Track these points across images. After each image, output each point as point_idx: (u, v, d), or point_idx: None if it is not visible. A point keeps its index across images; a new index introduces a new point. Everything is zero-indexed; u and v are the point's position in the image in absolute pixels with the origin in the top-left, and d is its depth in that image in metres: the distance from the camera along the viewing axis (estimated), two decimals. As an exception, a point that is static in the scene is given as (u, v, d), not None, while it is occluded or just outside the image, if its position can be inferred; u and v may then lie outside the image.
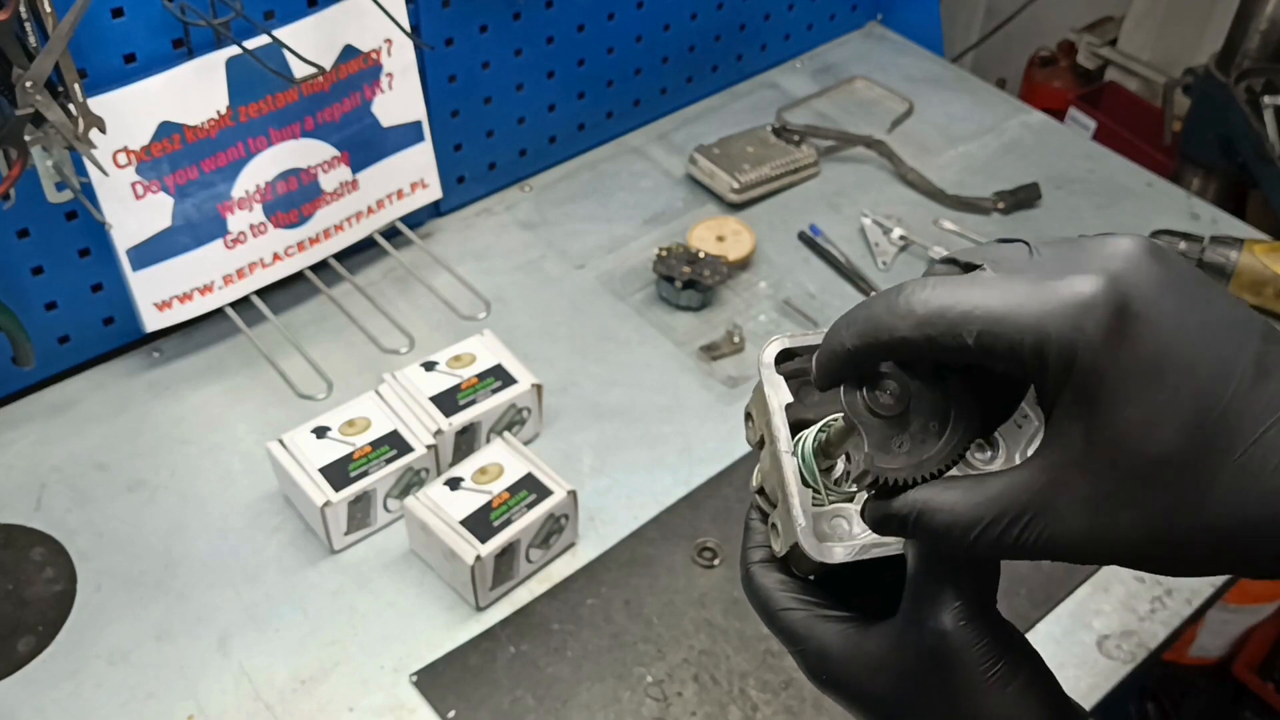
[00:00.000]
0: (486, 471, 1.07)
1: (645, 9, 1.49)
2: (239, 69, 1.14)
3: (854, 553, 0.49)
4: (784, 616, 0.50)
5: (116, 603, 1.05)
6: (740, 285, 1.38)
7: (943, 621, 0.44)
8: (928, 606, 0.45)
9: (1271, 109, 1.60)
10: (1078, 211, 1.50)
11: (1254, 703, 1.98)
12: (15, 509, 1.11)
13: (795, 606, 0.49)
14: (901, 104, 1.65)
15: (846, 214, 1.48)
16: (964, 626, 0.44)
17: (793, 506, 0.49)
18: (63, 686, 0.99)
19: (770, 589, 0.50)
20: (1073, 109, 2.05)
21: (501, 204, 1.48)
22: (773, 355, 0.52)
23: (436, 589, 1.07)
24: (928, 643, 0.45)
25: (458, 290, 1.35)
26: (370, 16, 1.20)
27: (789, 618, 0.49)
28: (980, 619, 0.45)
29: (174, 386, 1.23)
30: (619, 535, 1.12)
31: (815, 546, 0.49)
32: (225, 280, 1.23)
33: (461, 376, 1.15)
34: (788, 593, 0.50)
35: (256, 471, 1.14)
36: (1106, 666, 1.05)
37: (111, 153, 1.09)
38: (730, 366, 1.28)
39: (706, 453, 1.19)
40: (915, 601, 0.46)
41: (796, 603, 0.50)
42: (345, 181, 1.28)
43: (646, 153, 1.56)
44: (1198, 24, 2.02)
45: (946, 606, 0.45)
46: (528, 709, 0.99)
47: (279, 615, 1.05)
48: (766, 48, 1.68)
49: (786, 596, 0.50)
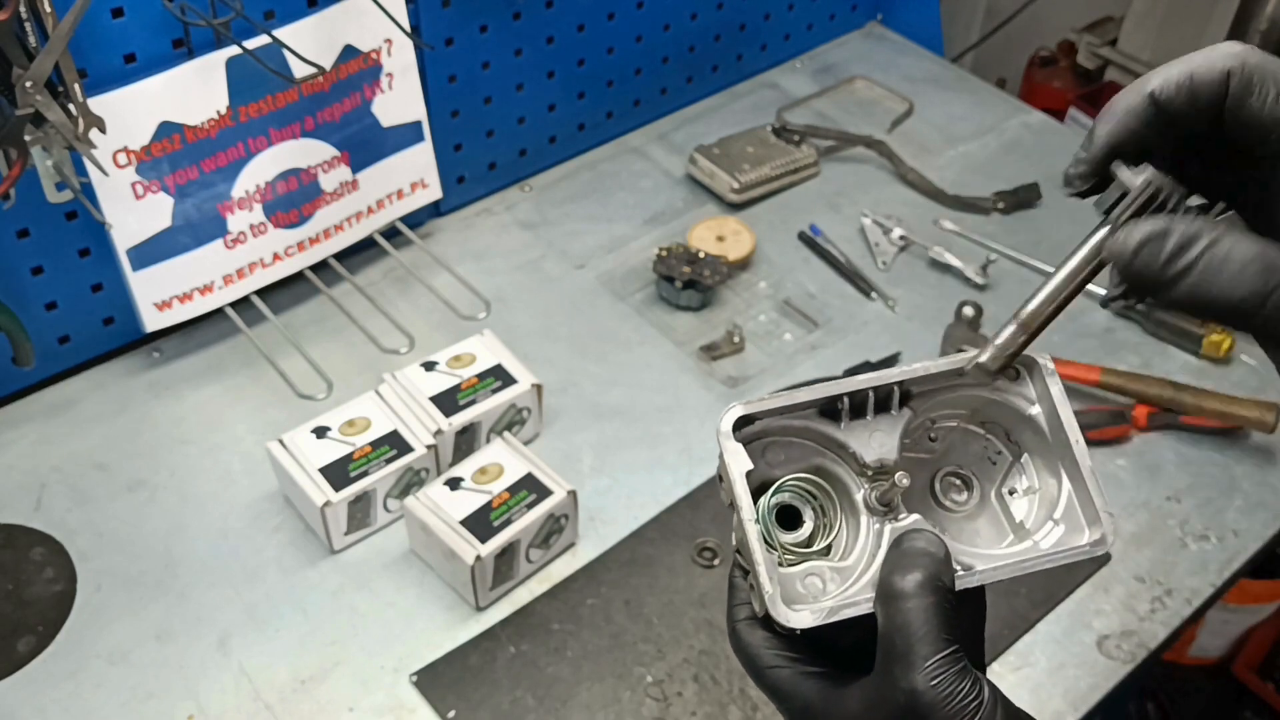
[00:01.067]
0: (486, 471, 1.07)
1: (645, 9, 1.49)
2: (239, 69, 1.13)
3: (821, 617, 0.50)
4: (770, 675, 0.51)
5: (116, 603, 1.05)
6: (740, 285, 1.38)
7: (914, 680, 0.46)
8: (899, 666, 0.46)
9: (1271, 109, 1.60)
10: (1078, 211, 1.49)
11: (1254, 703, 1.98)
12: (15, 509, 1.11)
13: (779, 664, 0.51)
14: (901, 104, 1.65)
15: (846, 214, 1.48)
16: (934, 685, 0.45)
17: (759, 574, 0.50)
18: (63, 686, 0.99)
19: (755, 647, 0.52)
20: (1073, 109, 2.05)
21: (501, 204, 1.48)
22: (730, 423, 0.52)
23: (436, 589, 1.07)
24: (900, 701, 0.46)
25: (458, 290, 1.35)
26: (370, 16, 1.20)
27: (774, 676, 0.51)
28: (951, 677, 0.46)
29: (174, 386, 1.23)
30: (619, 535, 1.12)
31: (784, 613, 0.50)
32: (225, 280, 1.23)
33: (461, 376, 1.15)
34: (772, 650, 0.51)
35: (256, 471, 1.14)
36: (1106, 666, 1.05)
37: (111, 153, 1.09)
38: (730, 366, 1.28)
39: (706, 453, 1.19)
40: (887, 661, 0.47)
41: (780, 660, 0.51)
42: (345, 181, 1.28)
43: (646, 153, 1.56)
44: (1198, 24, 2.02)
45: (918, 665, 0.46)
46: (528, 709, 0.99)
47: (279, 615, 1.05)
48: (766, 48, 1.68)
49: (771, 654, 0.51)
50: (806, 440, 0.55)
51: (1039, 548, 0.54)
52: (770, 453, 0.54)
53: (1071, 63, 2.18)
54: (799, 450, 0.55)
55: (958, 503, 0.56)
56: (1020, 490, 0.56)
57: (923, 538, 0.51)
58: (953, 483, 0.56)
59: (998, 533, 0.56)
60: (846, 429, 0.54)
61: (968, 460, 0.56)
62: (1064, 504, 0.54)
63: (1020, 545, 0.54)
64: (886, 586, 0.49)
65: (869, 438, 0.54)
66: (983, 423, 0.57)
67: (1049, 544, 0.54)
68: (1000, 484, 0.56)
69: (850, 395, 0.54)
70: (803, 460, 0.55)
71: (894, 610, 0.47)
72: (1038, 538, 0.54)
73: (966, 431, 0.57)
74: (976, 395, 0.55)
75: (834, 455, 0.55)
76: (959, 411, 0.56)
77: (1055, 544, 0.54)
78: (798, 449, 0.55)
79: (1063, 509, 0.54)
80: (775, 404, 0.53)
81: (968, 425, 0.56)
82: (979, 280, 1.38)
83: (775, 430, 0.54)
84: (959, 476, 0.56)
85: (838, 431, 0.54)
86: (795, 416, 0.54)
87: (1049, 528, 0.55)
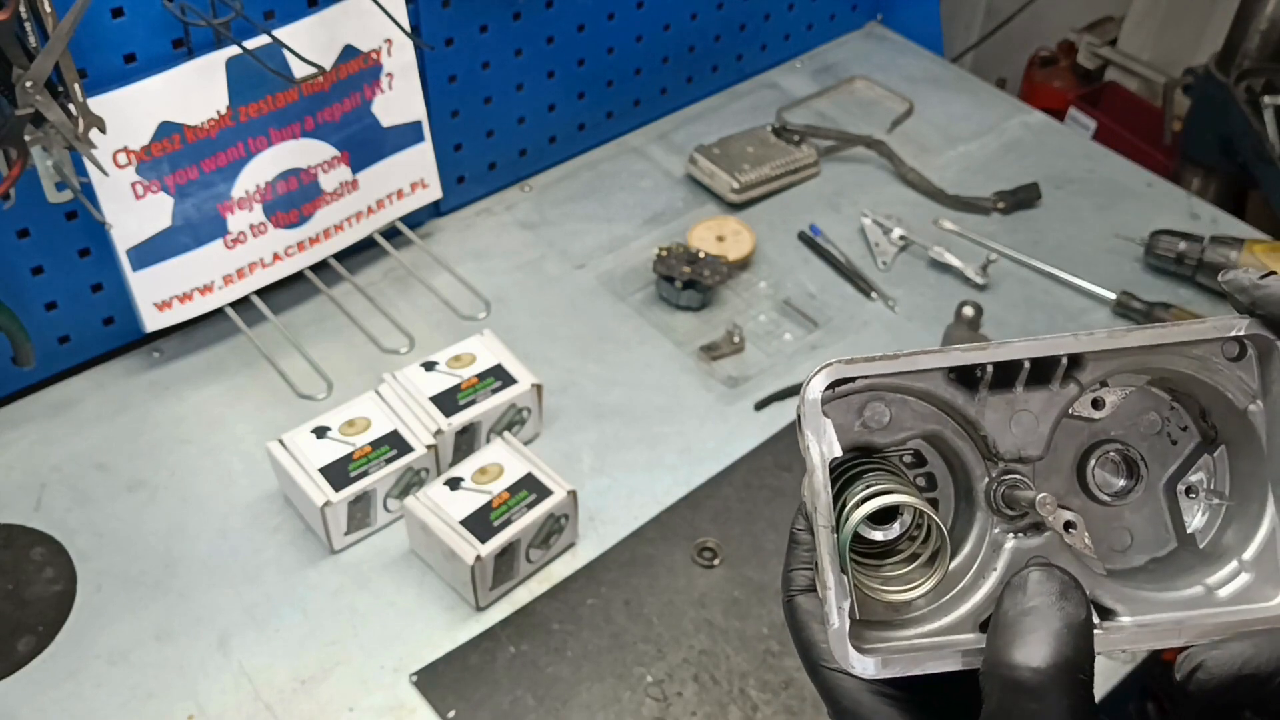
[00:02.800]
0: (486, 471, 1.07)
1: (645, 9, 1.49)
2: (239, 69, 1.13)
3: (896, 669, 0.38)
4: (829, 676, 0.40)
5: (116, 603, 1.05)
6: (740, 285, 1.38)
7: None
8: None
9: (1271, 109, 1.60)
10: (1078, 211, 1.50)
11: (1254, 702, 1.97)
12: (15, 509, 1.11)
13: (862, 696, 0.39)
14: (901, 104, 1.65)
15: (846, 214, 1.48)
16: None
17: (828, 601, 0.38)
18: (63, 686, 0.99)
19: (816, 634, 0.40)
20: (1073, 109, 2.05)
21: (501, 204, 1.48)
22: (819, 390, 0.39)
23: (436, 589, 1.07)
24: None
25: (458, 290, 1.35)
26: (370, 16, 1.20)
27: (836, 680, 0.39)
28: None
29: (174, 386, 1.23)
30: (619, 535, 1.12)
31: (848, 656, 0.38)
32: (225, 280, 1.23)
33: (461, 376, 1.15)
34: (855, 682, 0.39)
35: (256, 471, 1.14)
36: (1106, 666, 1.05)
37: (111, 153, 1.09)
38: (730, 366, 1.28)
39: (706, 453, 1.19)
40: None
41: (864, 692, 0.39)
42: (345, 181, 1.28)
43: (646, 153, 1.56)
44: (1198, 24, 2.02)
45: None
46: (528, 709, 0.99)
47: (279, 615, 1.05)
48: (766, 48, 1.68)
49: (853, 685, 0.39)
50: (925, 403, 0.41)
51: (1215, 597, 0.40)
52: (870, 409, 0.41)
53: (1071, 63, 2.18)
54: (912, 412, 0.41)
55: (1113, 488, 0.42)
56: (1202, 490, 0.42)
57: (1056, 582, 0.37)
58: (1112, 458, 0.42)
59: (1156, 537, 0.42)
60: (982, 403, 0.41)
61: (1138, 434, 0.42)
62: (1262, 541, 0.40)
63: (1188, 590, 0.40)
64: (1001, 663, 0.36)
65: (1010, 419, 0.41)
66: (1171, 390, 0.42)
67: (1229, 593, 0.40)
68: (1177, 473, 0.42)
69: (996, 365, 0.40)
70: (915, 426, 0.41)
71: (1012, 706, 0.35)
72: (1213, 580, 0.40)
73: (1145, 394, 0.42)
74: (1174, 368, 0.41)
75: (957, 426, 0.42)
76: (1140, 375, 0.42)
77: (1236, 594, 0.40)
78: (910, 409, 0.41)
79: (1258, 547, 0.40)
80: (889, 367, 0.39)
81: (1150, 388, 0.42)
82: (979, 280, 1.38)
83: (885, 386, 0.41)
84: (1122, 454, 0.42)
85: (970, 404, 0.41)
86: (914, 375, 0.41)
87: (1232, 568, 0.40)
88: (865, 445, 0.41)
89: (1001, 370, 0.40)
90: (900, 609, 0.40)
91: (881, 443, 0.41)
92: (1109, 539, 0.41)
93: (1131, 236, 1.43)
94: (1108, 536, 0.41)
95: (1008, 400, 0.40)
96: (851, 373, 0.39)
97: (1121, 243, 1.44)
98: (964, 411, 0.41)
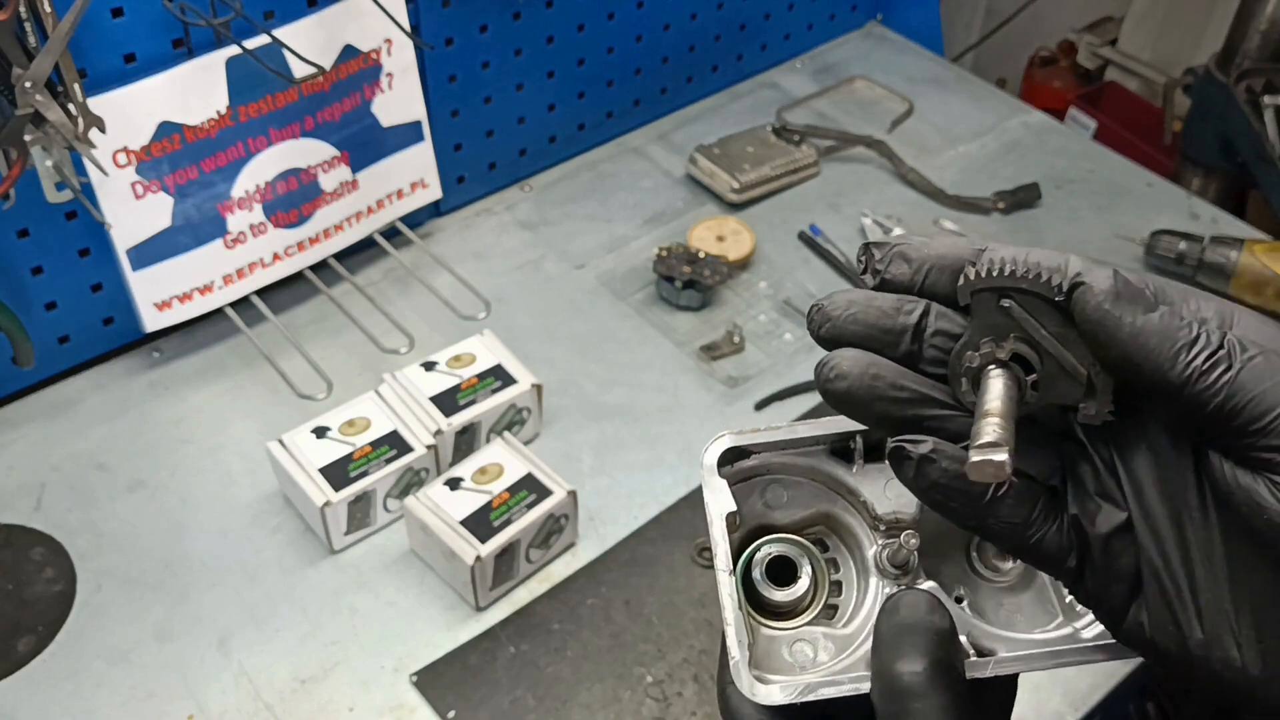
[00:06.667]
0: (486, 471, 1.07)
1: (645, 9, 1.49)
2: (239, 69, 1.13)
3: (793, 694, 0.42)
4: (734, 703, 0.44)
5: (116, 603, 1.05)
6: (740, 285, 1.38)
7: None
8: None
9: (1271, 109, 1.60)
10: (1078, 211, 1.50)
11: (1254, 703, 1.97)
12: (15, 509, 1.11)
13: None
14: (901, 104, 1.65)
15: (846, 214, 1.48)
16: None
17: (728, 636, 0.43)
18: (63, 686, 0.99)
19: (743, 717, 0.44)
20: (1073, 109, 2.05)
21: (501, 204, 1.48)
22: (715, 456, 0.45)
23: (436, 589, 1.07)
24: None
25: (458, 290, 1.35)
26: (370, 16, 1.20)
27: (738, 704, 0.43)
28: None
29: (174, 386, 1.23)
30: (619, 535, 1.12)
31: (749, 684, 0.42)
32: (225, 280, 1.23)
33: (461, 376, 1.15)
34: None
35: (256, 471, 1.14)
36: (1107, 666, 1.05)
37: (111, 153, 1.09)
38: (730, 366, 1.28)
39: (706, 453, 1.19)
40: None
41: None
42: (345, 181, 1.28)
43: (646, 153, 1.56)
44: (1198, 24, 2.02)
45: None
46: (528, 709, 0.99)
47: (279, 615, 1.05)
48: (766, 48, 1.68)
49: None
50: (815, 481, 0.46)
51: (1079, 637, 0.44)
52: (771, 492, 0.46)
53: (1071, 63, 2.18)
54: (806, 492, 0.46)
55: (999, 570, 0.46)
56: None
57: (922, 601, 0.42)
58: None
59: (1043, 613, 0.45)
60: (860, 473, 0.45)
61: None
62: None
63: (1058, 632, 0.44)
64: (885, 673, 0.41)
65: (885, 485, 0.45)
66: None
67: (1092, 634, 0.44)
68: None
69: (865, 435, 0.45)
70: (808, 505, 0.46)
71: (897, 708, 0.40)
72: (1080, 624, 0.44)
73: None
74: None
75: (846, 501, 0.46)
76: None
77: (1100, 635, 0.43)
78: (805, 490, 0.46)
79: None
80: (772, 437, 0.45)
81: None
82: (979, 280, 1.38)
83: (778, 467, 0.46)
84: None
85: (849, 475, 0.45)
86: (799, 453, 0.46)
87: None
88: (769, 526, 0.46)
89: (870, 442, 0.45)
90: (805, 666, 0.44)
91: (782, 522, 0.46)
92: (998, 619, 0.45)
93: (1131, 236, 1.43)
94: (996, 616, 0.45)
95: (881, 468, 0.45)
96: (741, 442, 0.45)
97: (1121, 243, 1.44)
98: (846, 483, 0.45)
